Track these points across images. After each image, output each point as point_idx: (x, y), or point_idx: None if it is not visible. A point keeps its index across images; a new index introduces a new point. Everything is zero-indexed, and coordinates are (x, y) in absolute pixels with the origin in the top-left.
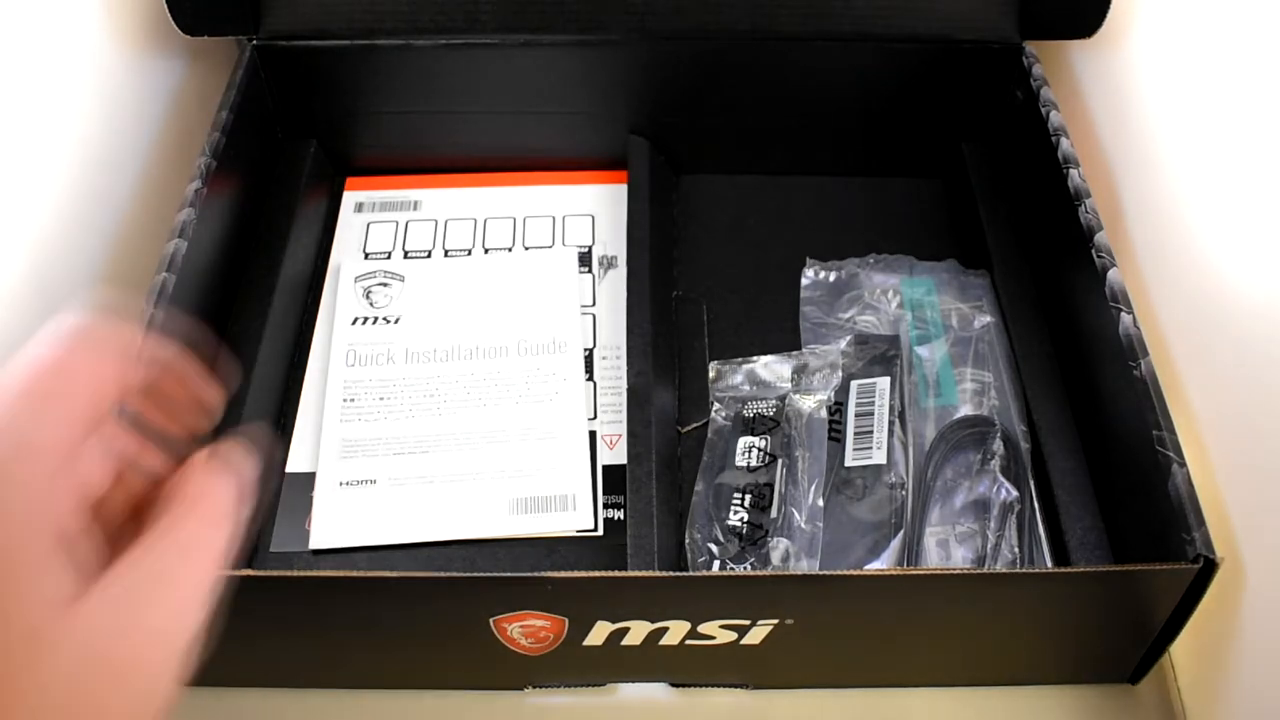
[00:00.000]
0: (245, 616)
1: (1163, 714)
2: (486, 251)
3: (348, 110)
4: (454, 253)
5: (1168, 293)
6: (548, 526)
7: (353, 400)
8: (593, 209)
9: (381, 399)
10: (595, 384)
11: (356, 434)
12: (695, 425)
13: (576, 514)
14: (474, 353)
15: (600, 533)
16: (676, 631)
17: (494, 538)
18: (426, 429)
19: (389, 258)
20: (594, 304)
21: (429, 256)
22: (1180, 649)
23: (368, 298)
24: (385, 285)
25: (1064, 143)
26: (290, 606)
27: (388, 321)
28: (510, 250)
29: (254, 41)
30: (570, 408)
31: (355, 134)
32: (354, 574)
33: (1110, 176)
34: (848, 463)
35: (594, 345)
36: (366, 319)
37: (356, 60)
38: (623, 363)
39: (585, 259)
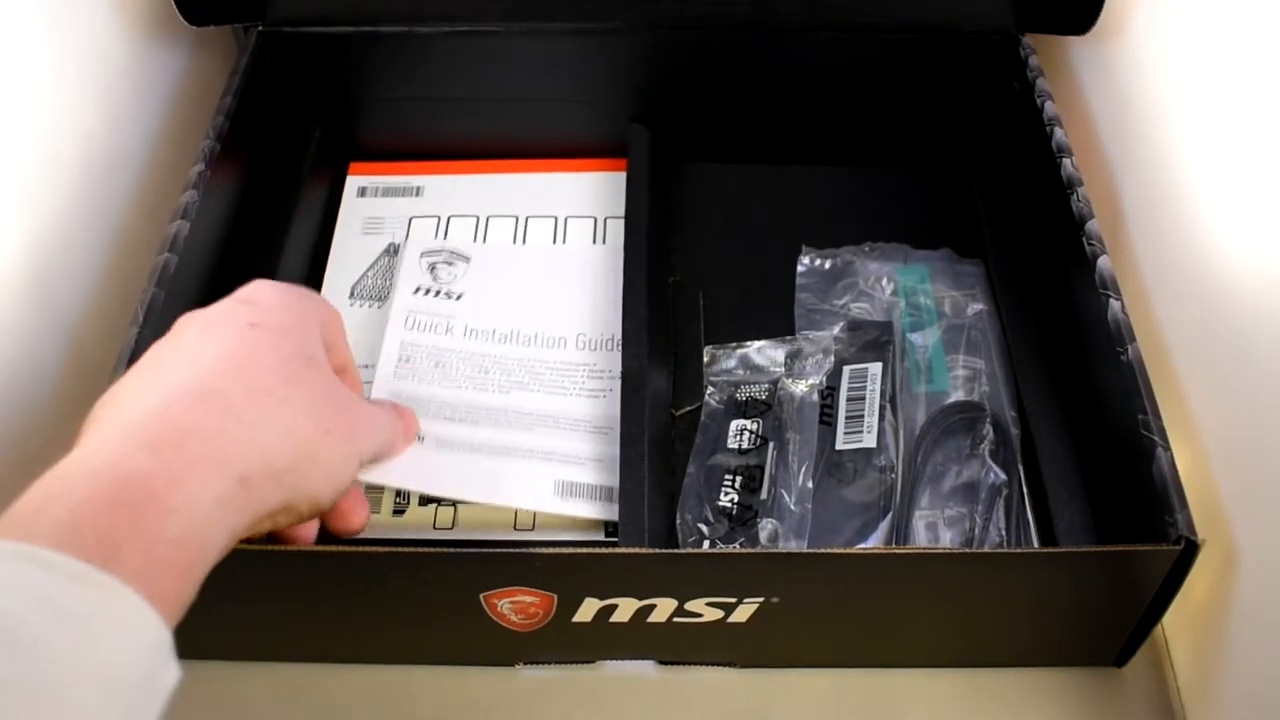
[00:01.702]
0: (238, 591)
1: (1155, 695)
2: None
3: (352, 96)
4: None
5: (1164, 281)
6: (586, 511)
7: (408, 360)
8: (593, 198)
9: (436, 365)
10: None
11: (408, 391)
12: (689, 408)
13: (613, 504)
14: (533, 340)
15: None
16: (664, 609)
17: (534, 510)
18: (478, 401)
19: (446, 236)
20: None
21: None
22: (1173, 630)
23: (432, 272)
24: (450, 265)
25: (1058, 132)
26: (282, 581)
27: (449, 296)
28: (553, 244)
29: (259, 28)
30: (615, 405)
31: (359, 120)
32: (345, 549)
33: (1108, 167)
34: (838, 446)
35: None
36: (429, 290)
37: (361, 47)
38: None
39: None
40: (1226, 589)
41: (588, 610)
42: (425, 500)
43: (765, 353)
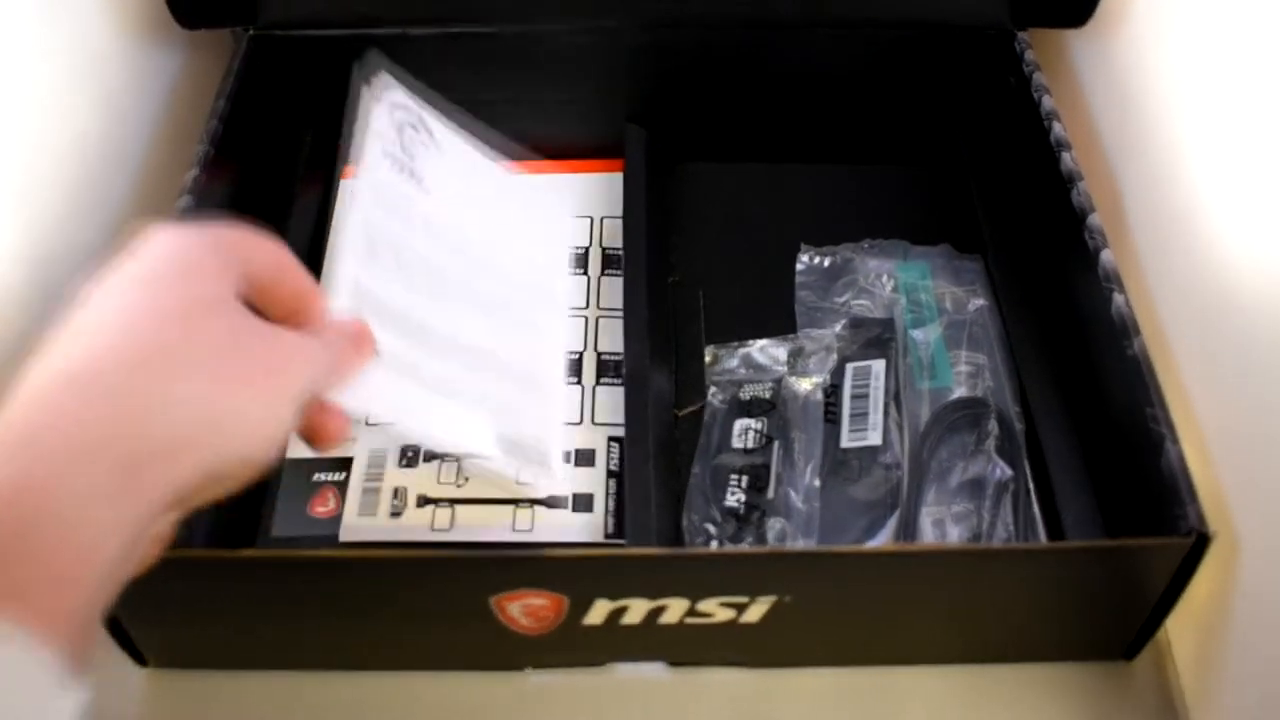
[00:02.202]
0: (246, 599)
1: (1158, 690)
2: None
3: (345, 99)
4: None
5: (1165, 275)
6: (526, 475)
7: (372, 246)
8: (590, 199)
9: (398, 261)
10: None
11: (367, 284)
12: (692, 409)
13: (547, 470)
14: (483, 263)
15: (570, 499)
16: (675, 610)
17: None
18: (429, 316)
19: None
20: (587, 306)
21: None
22: (1176, 625)
23: (400, 135)
24: (417, 131)
25: (1056, 127)
26: (290, 588)
27: (413, 176)
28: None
29: (251, 31)
30: (549, 362)
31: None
32: (353, 554)
33: (1107, 161)
34: (843, 444)
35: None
36: (396, 160)
37: (354, 49)
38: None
39: (581, 260)
40: (1229, 583)
41: (599, 612)
42: (423, 501)
43: (767, 351)
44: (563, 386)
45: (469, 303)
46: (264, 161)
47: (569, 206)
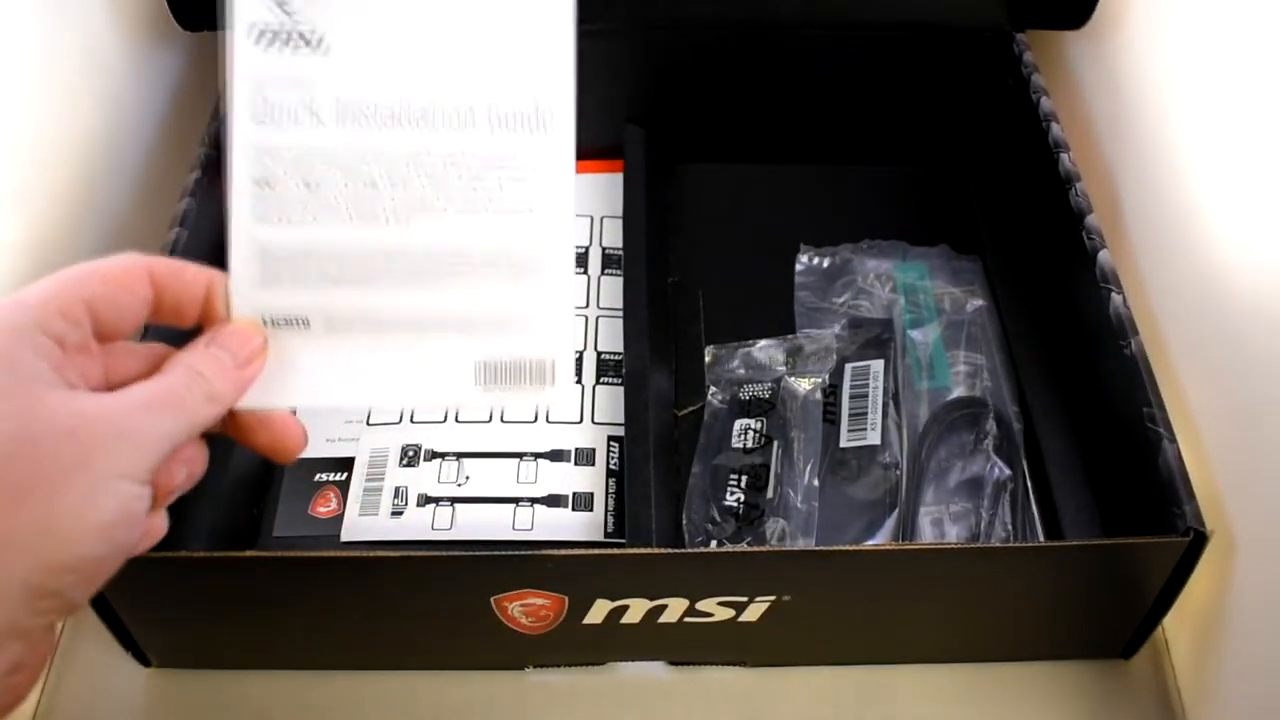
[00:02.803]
0: (248, 599)
1: (1156, 689)
2: None
3: None
4: None
5: (1162, 275)
6: (517, 400)
7: (268, 185)
8: (589, 199)
9: (307, 185)
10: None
11: (278, 241)
12: (691, 409)
13: (554, 387)
14: (428, 115)
15: (579, 414)
16: (675, 609)
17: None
18: (370, 242)
19: None
20: (587, 305)
21: None
22: (1173, 624)
23: None
24: None
25: (1054, 128)
26: (292, 588)
27: (306, 42)
28: None
29: None
30: (551, 225)
31: None
32: (355, 554)
33: (1105, 162)
34: (842, 444)
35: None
36: (275, 35)
37: None
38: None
39: (581, 260)
40: (1226, 581)
41: (599, 612)
42: (423, 501)
43: (767, 351)
44: (568, 264)
45: (419, 191)
46: None
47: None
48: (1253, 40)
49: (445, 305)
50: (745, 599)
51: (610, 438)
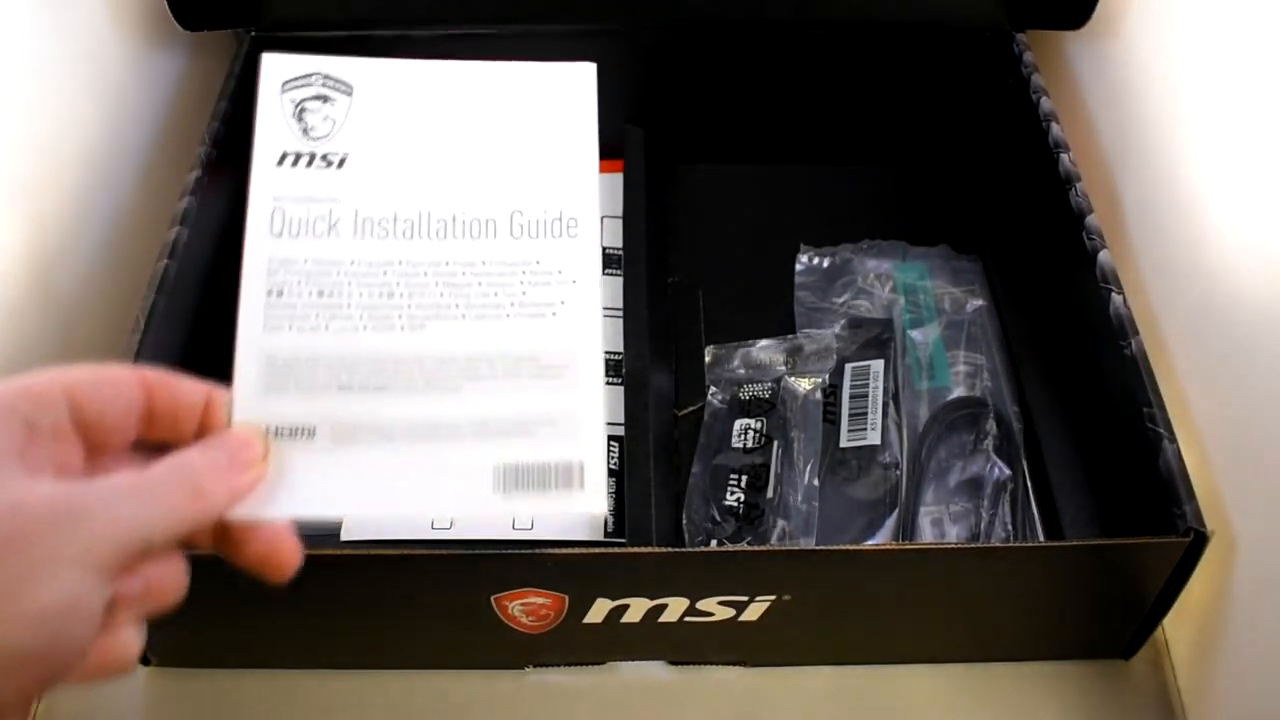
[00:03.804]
0: (246, 597)
1: (1156, 688)
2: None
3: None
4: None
5: (1163, 275)
6: (545, 508)
7: (280, 294)
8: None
9: (320, 294)
10: None
11: (286, 347)
12: (692, 408)
13: (583, 492)
14: (451, 226)
15: (608, 514)
16: (675, 608)
17: (472, 515)
18: (382, 349)
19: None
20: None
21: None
22: (1173, 624)
23: (300, 119)
24: (325, 100)
25: (1054, 128)
26: (292, 587)
27: (328, 163)
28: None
29: (253, 33)
30: (580, 326)
31: None
32: (354, 552)
33: (1105, 162)
34: (842, 444)
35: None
36: (299, 156)
37: (354, 50)
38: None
39: None
40: (1226, 582)
41: (599, 611)
42: None
43: (767, 351)
44: (598, 364)
45: (436, 297)
46: None
47: (592, 97)
48: (1253, 40)
49: (462, 410)
50: (745, 599)
51: (610, 438)
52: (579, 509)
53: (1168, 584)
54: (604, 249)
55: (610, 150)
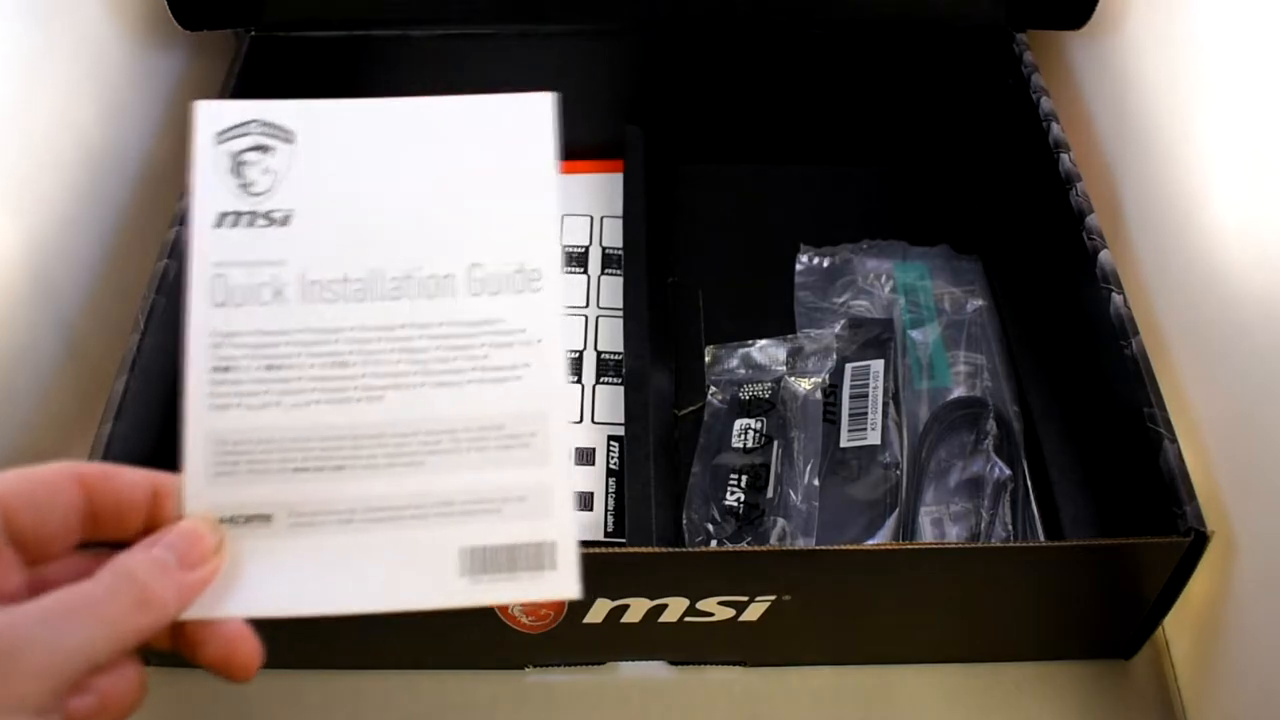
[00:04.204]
0: None
1: (1156, 689)
2: None
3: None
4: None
5: (1163, 275)
6: (512, 593)
7: (227, 370)
8: (589, 199)
9: (270, 368)
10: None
11: (236, 428)
12: (692, 408)
13: (555, 573)
14: (405, 285)
15: (580, 596)
16: (675, 608)
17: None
18: (339, 424)
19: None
20: (587, 305)
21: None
22: (1173, 624)
23: (238, 173)
24: (264, 150)
25: (1054, 128)
26: None
27: (270, 221)
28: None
29: (252, 33)
30: (547, 390)
31: None
32: None
33: (1106, 162)
34: (843, 444)
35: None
36: (239, 216)
37: (354, 51)
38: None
39: (581, 260)
40: (1226, 582)
41: (599, 611)
42: None
43: (767, 351)
44: (567, 435)
45: (393, 365)
46: None
47: (548, 132)
48: (1253, 39)
49: (425, 488)
50: (745, 599)
51: (610, 438)
52: (551, 593)
53: (1168, 584)
54: (604, 249)
55: (610, 150)
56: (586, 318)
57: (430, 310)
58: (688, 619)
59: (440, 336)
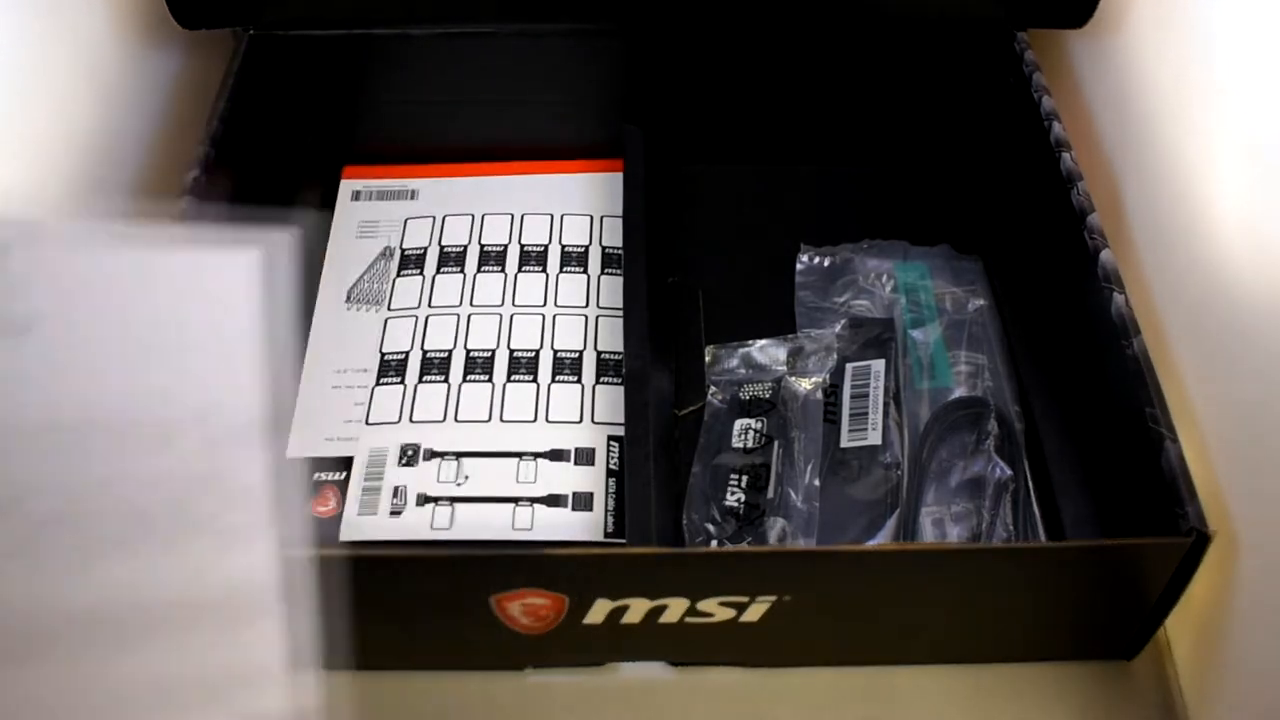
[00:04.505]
0: None
1: (1158, 689)
2: (483, 249)
3: (345, 100)
4: (450, 248)
5: (1165, 275)
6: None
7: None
8: (589, 199)
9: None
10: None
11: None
12: (692, 408)
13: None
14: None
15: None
16: (676, 609)
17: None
18: (34, 605)
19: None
20: (587, 305)
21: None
22: (1175, 624)
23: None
24: None
25: (1056, 127)
26: None
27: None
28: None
29: (251, 32)
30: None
31: (353, 123)
32: (354, 553)
33: (1107, 162)
34: (843, 444)
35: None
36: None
37: (354, 50)
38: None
39: (581, 259)
40: (1228, 582)
41: (599, 611)
42: (423, 500)
43: (767, 351)
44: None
45: (99, 529)
46: (264, 162)
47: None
48: (1254, 39)
49: (144, 675)
50: (746, 599)
51: (610, 437)
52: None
53: (1170, 584)
54: (604, 249)
55: (610, 150)
56: (586, 317)
57: (139, 465)
58: (688, 620)
59: (155, 493)
